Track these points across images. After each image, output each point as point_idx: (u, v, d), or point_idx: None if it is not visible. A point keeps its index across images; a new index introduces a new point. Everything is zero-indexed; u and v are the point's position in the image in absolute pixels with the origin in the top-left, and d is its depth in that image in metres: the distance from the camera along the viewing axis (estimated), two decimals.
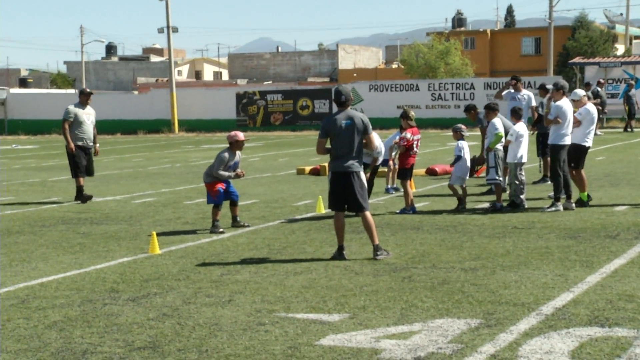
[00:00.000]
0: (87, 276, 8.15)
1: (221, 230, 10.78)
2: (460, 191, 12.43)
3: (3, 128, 51.32)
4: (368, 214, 8.82)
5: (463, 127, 12.75)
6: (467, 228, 10.67)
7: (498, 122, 12.45)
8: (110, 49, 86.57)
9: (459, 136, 12.59)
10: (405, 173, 12.26)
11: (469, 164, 12.63)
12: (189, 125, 48.25)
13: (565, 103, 12.01)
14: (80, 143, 14.73)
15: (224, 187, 11.05)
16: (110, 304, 6.97)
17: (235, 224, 11.20)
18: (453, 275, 7.80)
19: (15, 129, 50.61)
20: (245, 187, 16.66)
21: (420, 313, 6.47)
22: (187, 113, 48.69)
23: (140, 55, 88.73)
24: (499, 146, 12.38)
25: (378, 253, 8.72)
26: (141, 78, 72.29)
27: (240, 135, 11.24)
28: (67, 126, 14.64)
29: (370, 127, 8.83)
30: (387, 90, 45.61)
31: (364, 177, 8.84)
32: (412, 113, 12.37)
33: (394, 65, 72.49)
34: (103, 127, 49.07)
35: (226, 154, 11.07)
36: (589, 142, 12.37)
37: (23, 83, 69.86)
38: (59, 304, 6.98)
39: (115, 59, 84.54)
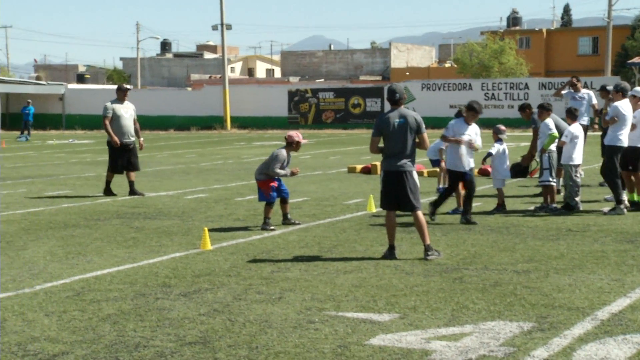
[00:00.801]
0: (140, 270, 8.25)
1: (272, 227, 10.82)
2: (501, 194, 12.28)
3: (61, 123, 52.39)
4: (420, 213, 8.76)
5: (503, 128, 12.59)
6: (520, 230, 10.53)
7: (551, 122, 12.25)
8: (165, 46, 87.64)
9: (497, 137, 12.44)
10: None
11: (506, 165, 12.43)
12: (241, 122, 48.60)
13: (624, 104, 11.77)
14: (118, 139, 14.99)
15: (276, 185, 11.08)
16: (162, 298, 7.05)
17: (286, 221, 11.23)
18: (505, 278, 7.70)
19: (72, 123, 51.61)
20: (296, 185, 16.70)
21: (471, 315, 6.40)
22: (240, 110, 49.05)
23: (194, 52, 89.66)
24: (553, 147, 12.19)
25: (429, 253, 8.66)
26: (195, 75, 73.06)
27: (302, 138, 11.19)
28: (107, 122, 14.94)
29: (424, 126, 8.77)
30: (439, 89, 45.31)
31: (416, 176, 8.78)
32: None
33: (447, 64, 71.95)
34: (157, 123, 49.84)
35: (283, 152, 11.03)
36: None
37: (80, 79, 71.17)
38: (112, 297, 7.08)
39: (169, 55, 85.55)
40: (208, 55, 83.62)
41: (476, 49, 56.01)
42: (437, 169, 15.04)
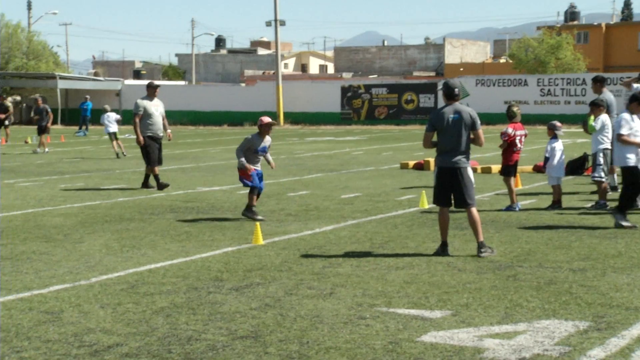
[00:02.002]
0: (192, 264, 8.33)
1: (260, 217, 11.09)
2: (558, 191, 12.06)
3: None
4: (474, 210, 8.66)
5: (559, 124, 12.34)
6: (576, 227, 10.34)
7: (606, 117, 12.02)
8: (220, 42, 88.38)
9: (552, 134, 12.19)
10: (508, 170, 11.98)
11: (561, 161, 12.19)
12: (294, 118, 48.76)
13: None
14: (149, 134, 15.24)
15: (255, 171, 11.31)
16: (214, 292, 7.10)
17: (247, 212, 11.30)
18: (560, 276, 7.57)
19: (128, 119, 52.25)
20: (348, 181, 16.69)
21: (525, 313, 6.30)
22: (293, 106, 49.21)
23: (248, 48, 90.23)
24: (608, 145, 11.92)
25: (482, 250, 8.55)
26: (248, 70, 73.52)
27: (265, 118, 11.46)
28: (137, 120, 15.20)
29: (479, 122, 8.66)
30: (494, 85, 44.78)
31: (471, 172, 8.67)
32: (516, 108, 12.07)
33: (502, 60, 71.07)
34: (211, 118, 50.34)
35: (250, 138, 11.35)
36: None
37: (137, 75, 72.20)
38: (165, 291, 7.16)
39: (224, 51, 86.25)
40: (262, 51, 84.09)
41: (532, 44, 55.21)
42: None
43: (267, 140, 11.46)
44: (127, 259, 8.65)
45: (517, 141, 11.93)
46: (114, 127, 25.20)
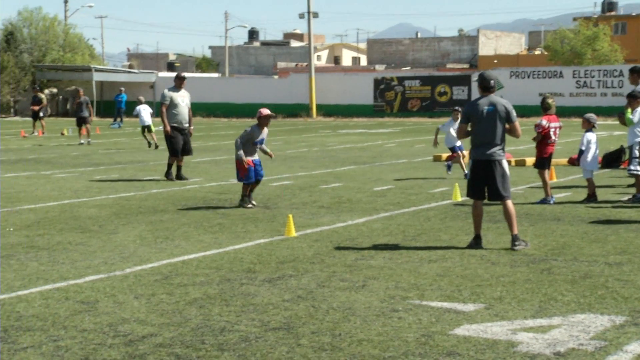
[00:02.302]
0: (225, 256, 8.37)
1: (250, 205, 11.53)
2: (592, 184, 11.91)
3: (152, 110, 53.60)
4: (510, 202, 8.58)
5: (594, 116, 12.18)
6: (612, 221, 10.21)
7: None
8: (253, 34, 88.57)
9: (588, 126, 12.03)
10: (543, 162, 11.87)
11: (596, 154, 12.03)
12: (327, 110, 48.74)
13: None
14: (174, 124, 15.38)
15: (253, 165, 11.61)
16: (247, 284, 7.13)
17: (244, 202, 11.70)
18: (596, 270, 7.48)
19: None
20: (381, 173, 16.65)
21: (559, 307, 6.24)
22: (325, 98, 49.18)
23: (281, 41, 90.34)
24: None
25: (516, 243, 8.48)
26: (281, 63, 73.61)
27: (265, 110, 11.76)
28: (164, 109, 15.35)
29: (514, 113, 8.58)
30: (528, 77, 44.36)
31: (506, 165, 8.60)
32: (551, 100, 11.94)
33: (537, 52, 70.34)
34: (243, 110, 50.49)
35: (250, 130, 11.69)
36: None
37: (171, 67, 72.68)
38: (199, 282, 7.21)
39: (257, 43, 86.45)
40: (294, 44, 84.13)
41: (568, 35, 54.56)
42: (457, 154, 15.51)
43: (265, 132, 11.74)
44: (160, 250, 8.72)
45: (552, 133, 11.81)
46: (148, 119, 25.45)
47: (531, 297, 6.53)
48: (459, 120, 13.49)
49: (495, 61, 63.03)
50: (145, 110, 25.64)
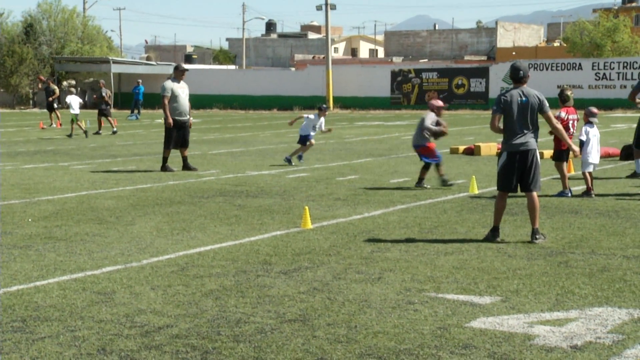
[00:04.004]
0: (241, 247, 8.39)
1: (427, 186, 12.82)
2: (589, 178, 11.78)
3: None
4: (536, 195, 8.52)
5: (595, 110, 12.10)
6: (631, 214, 10.13)
7: None
8: (270, 26, 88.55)
9: (587, 120, 11.95)
10: (561, 155, 11.79)
11: (598, 148, 11.94)
12: (344, 102, 48.68)
13: None
14: (176, 117, 15.47)
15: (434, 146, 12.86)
16: (263, 275, 7.14)
17: (443, 182, 12.88)
18: (614, 263, 7.43)
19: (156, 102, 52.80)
20: (397, 165, 16.61)
21: (577, 300, 6.20)
22: (342, 90, 49.11)
23: (298, 33, 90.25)
24: None
25: (537, 237, 8.42)
26: (298, 55, 73.57)
27: (440, 102, 13.22)
28: (166, 102, 15.43)
29: (547, 104, 8.53)
30: (547, 69, 44.09)
31: (538, 156, 8.54)
32: (569, 92, 11.85)
33: (556, 44, 69.84)
34: (260, 102, 50.53)
35: (432, 115, 12.86)
36: None
37: (188, 59, 72.81)
38: (215, 273, 7.22)
39: (274, 36, 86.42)
40: (312, 36, 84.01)
41: (588, 27, 54.15)
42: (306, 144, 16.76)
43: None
44: (177, 241, 8.75)
45: (570, 125, 11.73)
46: (76, 109, 26.91)
47: (548, 290, 6.49)
48: (322, 117, 16.66)
49: (514, 53, 62.67)
50: (75, 101, 26.77)
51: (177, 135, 15.56)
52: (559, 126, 9.00)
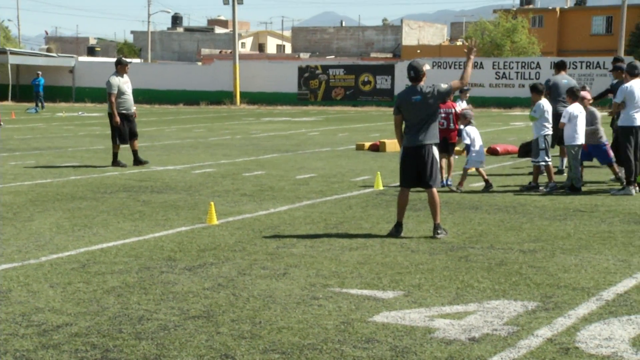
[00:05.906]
0: (145, 244, 8.26)
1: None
2: (484, 174, 12.32)
3: (71, 95, 52.38)
4: (435, 191, 8.70)
5: (470, 113, 12.68)
6: (527, 209, 10.49)
7: (545, 103, 12.21)
8: (176, 20, 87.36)
9: (466, 122, 12.46)
10: (446, 147, 12.29)
11: (480, 146, 12.43)
12: (251, 98, 48.50)
13: (634, 84, 11.66)
14: (123, 111, 15.36)
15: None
16: (167, 272, 7.05)
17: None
18: (511, 257, 7.68)
19: (82, 96, 51.61)
20: (304, 161, 16.68)
21: (476, 293, 6.38)
22: (249, 85, 48.92)
23: (205, 27, 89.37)
24: (550, 131, 12.11)
25: (439, 232, 8.61)
26: (205, 49, 72.83)
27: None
28: (113, 100, 15.27)
29: (443, 86, 8.59)
30: (450, 67, 45.04)
31: (436, 152, 8.70)
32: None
33: (459, 43, 71.49)
34: (166, 97, 49.79)
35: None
36: None
37: (91, 51, 71.11)
38: (117, 270, 7.09)
39: (180, 29, 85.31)
40: (219, 30, 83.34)
41: (488, 27, 55.62)
42: None
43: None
44: (78, 238, 8.55)
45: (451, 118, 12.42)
46: None
47: (449, 284, 6.66)
48: None
49: (418, 51, 63.80)
50: None
51: (125, 129, 15.34)
52: (467, 74, 9.11)
